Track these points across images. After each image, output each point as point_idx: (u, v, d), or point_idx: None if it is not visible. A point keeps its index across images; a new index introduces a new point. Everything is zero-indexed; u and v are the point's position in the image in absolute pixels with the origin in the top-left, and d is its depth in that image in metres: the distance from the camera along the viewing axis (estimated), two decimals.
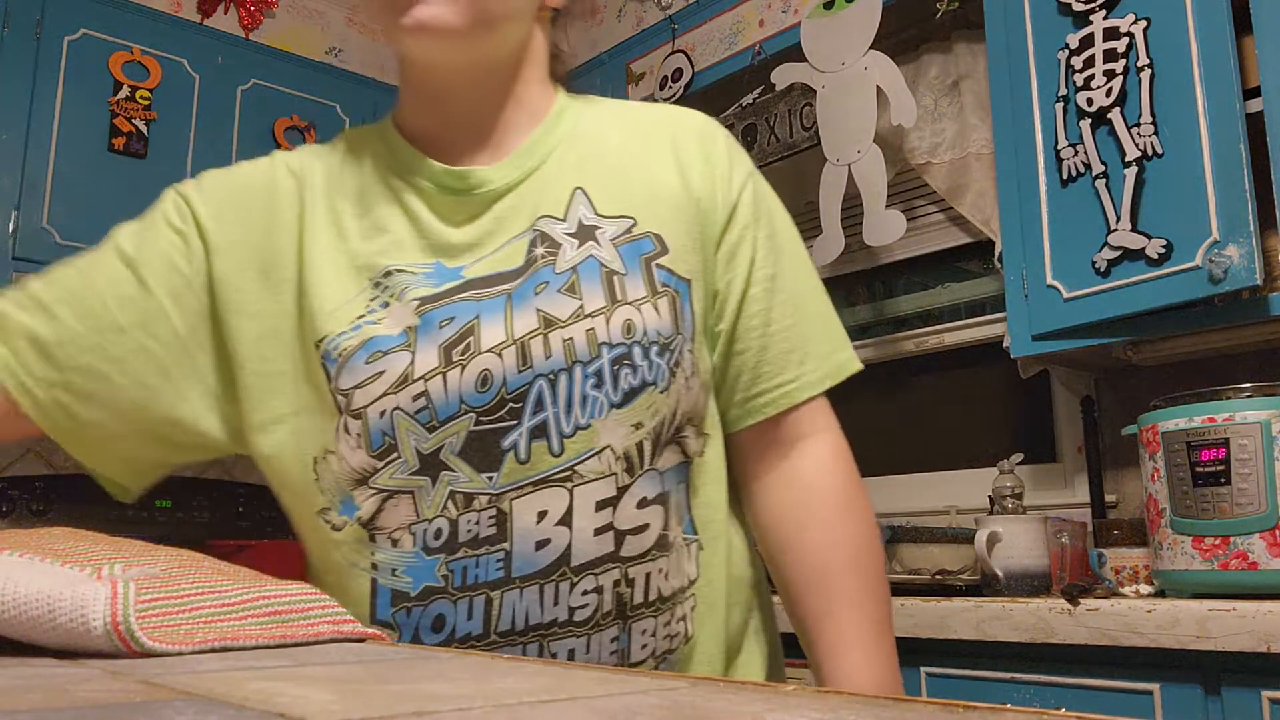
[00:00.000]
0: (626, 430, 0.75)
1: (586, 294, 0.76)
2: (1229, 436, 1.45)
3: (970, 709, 0.33)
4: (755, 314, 0.84)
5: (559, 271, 0.77)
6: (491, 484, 0.74)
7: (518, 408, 0.75)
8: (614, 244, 0.79)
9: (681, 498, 0.80)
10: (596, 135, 0.86)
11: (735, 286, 0.84)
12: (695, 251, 0.82)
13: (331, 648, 0.56)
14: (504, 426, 0.74)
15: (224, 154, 2.80)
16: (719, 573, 0.82)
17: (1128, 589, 1.67)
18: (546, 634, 0.74)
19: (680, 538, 0.79)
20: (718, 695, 0.38)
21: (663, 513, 0.77)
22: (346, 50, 3.18)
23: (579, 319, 0.76)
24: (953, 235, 2.45)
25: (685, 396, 0.79)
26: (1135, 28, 1.77)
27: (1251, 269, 1.59)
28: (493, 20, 0.79)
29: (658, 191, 0.82)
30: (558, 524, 0.74)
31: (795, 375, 0.84)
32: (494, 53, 0.82)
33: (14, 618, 0.50)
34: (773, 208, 0.89)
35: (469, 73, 0.82)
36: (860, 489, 0.86)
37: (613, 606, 0.75)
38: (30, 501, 2.61)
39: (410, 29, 0.77)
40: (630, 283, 0.77)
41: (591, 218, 0.80)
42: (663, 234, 0.80)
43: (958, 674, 1.57)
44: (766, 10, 2.56)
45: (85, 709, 0.33)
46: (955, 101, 2.34)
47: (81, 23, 2.62)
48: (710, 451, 0.83)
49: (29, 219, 2.48)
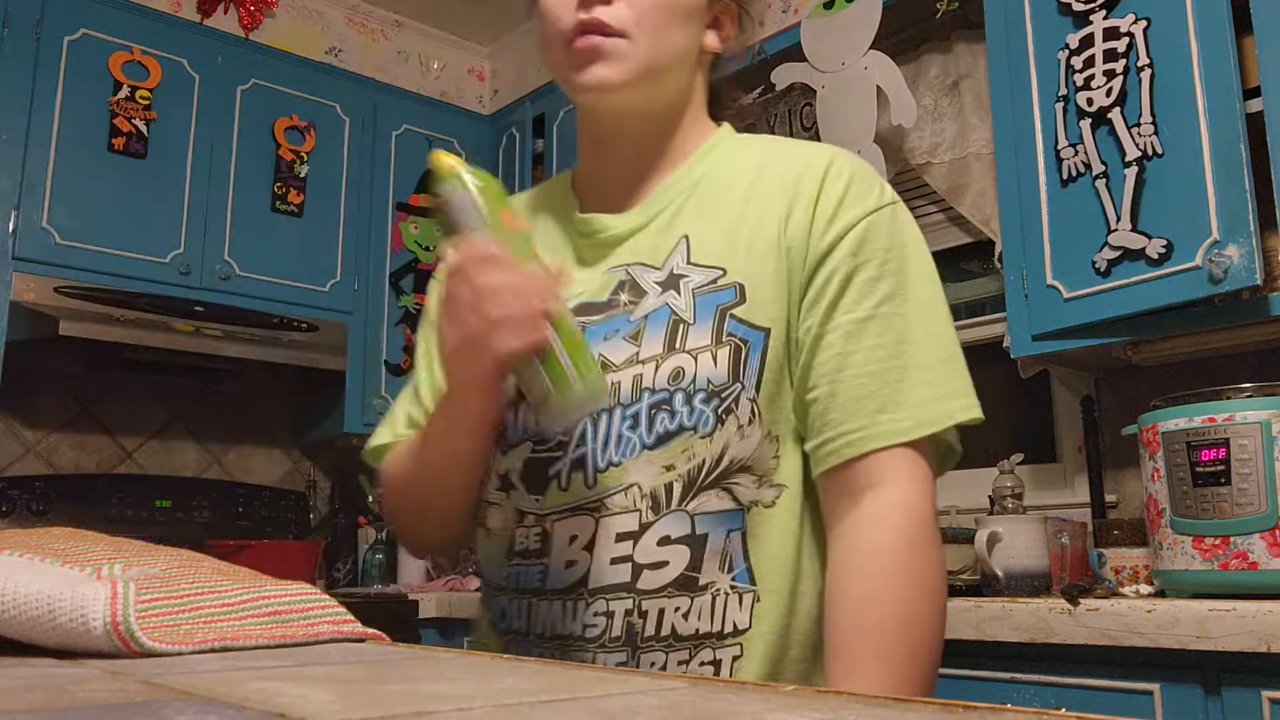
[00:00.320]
0: (656, 470, 0.80)
1: (647, 341, 0.83)
2: (1229, 436, 1.45)
3: (970, 709, 0.33)
4: (828, 359, 0.81)
5: (632, 320, 0.85)
6: (539, 506, 0.84)
7: (565, 441, 0.83)
8: (695, 293, 0.83)
9: (732, 545, 0.80)
10: (726, 181, 0.89)
11: (811, 331, 0.82)
12: (779, 300, 0.82)
13: (331, 648, 0.56)
14: (553, 457, 0.84)
15: (224, 154, 2.80)
16: (774, 626, 0.80)
17: (1128, 589, 1.67)
18: (565, 644, 0.82)
19: (728, 585, 0.79)
20: (718, 695, 0.38)
21: (690, 554, 0.79)
22: (346, 50, 3.18)
23: (631, 364, 0.82)
24: (953, 235, 2.45)
25: (738, 444, 0.79)
26: (1135, 28, 1.77)
27: (1251, 269, 1.59)
28: (657, 72, 0.87)
29: (755, 240, 0.84)
30: (583, 549, 0.81)
31: (866, 424, 0.79)
32: (657, 100, 0.90)
33: (14, 618, 0.50)
34: (893, 248, 0.83)
35: (631, 120, 0.91)
36: (924, 550, 0.78)
37: (621, 633, 0.80)
38: (30, 501, 2.61)
39: (588, 86, 0.86)
40: (696, 332, 0.81)
41: (683, 266, 0.85)
42: (747, 283, 0.82)
43: (958, 674, 1.57)
44: (766, 10, 2.56)
45: (85, 709, 0.33)
46: (955, 101, 2.34)
47: (81, 23, 2.63)
48: (784, 503, 0.81)
49: (29, 219, 2.48)
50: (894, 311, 0.81)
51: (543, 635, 0.83)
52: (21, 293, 2.44)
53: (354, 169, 3.08)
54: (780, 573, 0.80)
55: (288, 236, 2.91)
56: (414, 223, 3.20)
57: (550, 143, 3.12)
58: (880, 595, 0.76)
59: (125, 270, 2.60)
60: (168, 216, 2.69)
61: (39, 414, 2.77)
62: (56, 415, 2.80)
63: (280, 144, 2.92)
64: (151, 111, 2.70)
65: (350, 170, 3.07)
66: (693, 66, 0.93)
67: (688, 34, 0.90)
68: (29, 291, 2.44)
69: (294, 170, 2.94)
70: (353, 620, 0.61)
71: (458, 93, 3.43)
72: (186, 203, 2.73)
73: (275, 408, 3.20)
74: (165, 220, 2.69)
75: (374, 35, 3.26)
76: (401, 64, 3.30)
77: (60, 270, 2.50)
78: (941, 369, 0.81)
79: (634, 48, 0.85)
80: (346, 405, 2.97)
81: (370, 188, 3.11)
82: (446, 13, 3.30)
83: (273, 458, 3.17)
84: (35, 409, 2.77)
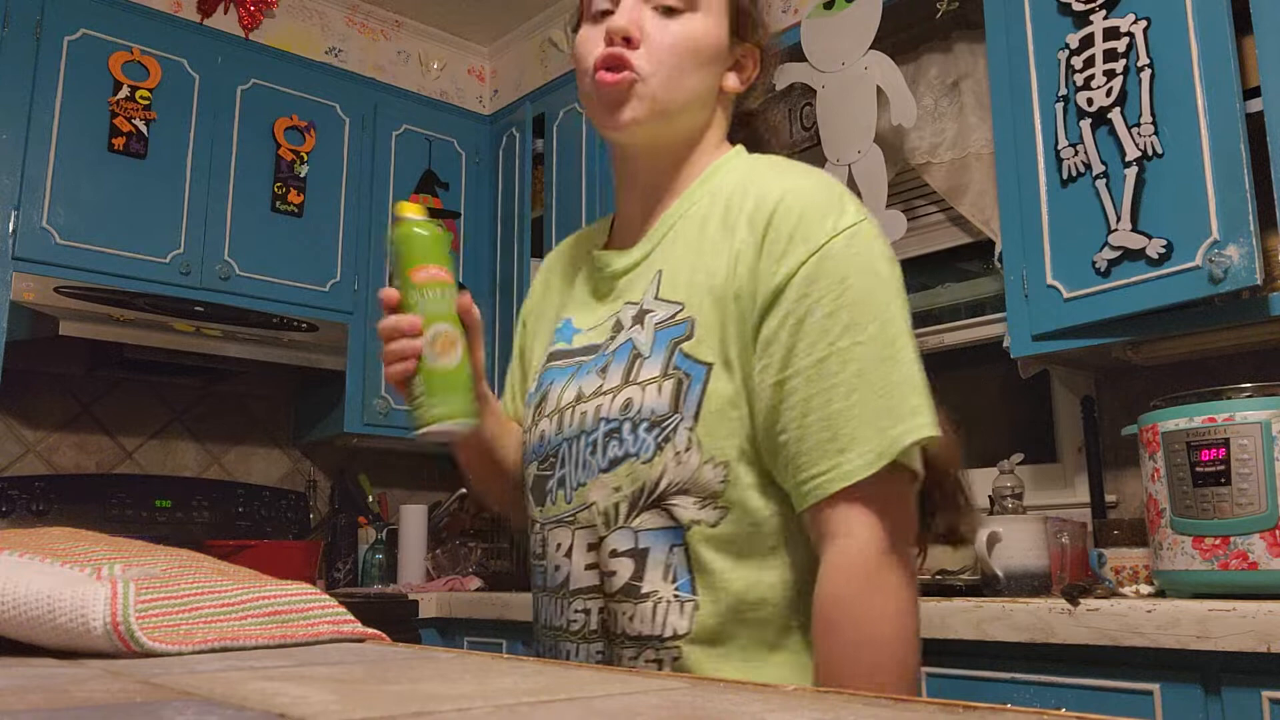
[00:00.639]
0: (609, 491, 0.89)
1: (610, 374, 0.92)
2: (1229, 436, 1.45)
3: (970, 709, 0.33)
4: (795, 404, 0.83)
5: (606, 353, 0.94)
6: (540, 515, 0.97)
7: (554, 461, 0.95)
8: (656, 327, 0.90)
9: (675, 558, 0.86)
10: (704, 215, 0.94)
11: (767, 375, 0.84)
12: (725, 337, 0.86)
13: (331, 648, 0.56)
14: (548, 475, 0.96)
15: (224, 154, 2.81)
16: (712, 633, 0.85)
17: (1128, 589, 1.67)
18: (558, 635, 0.95)
19: (670, 594, 0.86)
20: (718, 695, 0.38)
21: (634, 566, 0.87)
22: (346, 50, 3.18)
23: (597, 395, 0.92)
24: (953, 235, 2.45)
25: (674, 470, 0.86)
26: (1135, 28, 1.77)
27: (1251, 269, 1.59)
28: (668, 113, 0.95)
29: (710, 279, 0.89)
30: (565, 555, 0.93)
31: (832, 465, 0.81)
32: (667, 138, 0.98)
33: (14, 618, 0.50)
34: (847, 277, 0.84)
35: (644, 157, 0.99)
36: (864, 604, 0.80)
37: (598, 627, 0.91)
38: (30, 501, 2.61)
39: (606, 124, 0.95)
40: (649, 365, 0.89)
41: (651, 302, 0.93)
42: (697, 319, 0.88)
43: (958, 674, 1.57)
44: (766, 10, 2.56)
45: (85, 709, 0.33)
46: (955, 101, 2.34)
47: (81, 23, 2.62)
48: (730, 523, 0.85)
49: (29, 219, 2.48)
50: (852, 343, 0.83)
51: (545, 626, 0.97)
52: (21, 293, 2.43)
53: (354, 169, 3.08)
54: (723, 585, 0.85)
55: (288, 236, 2.91)
56: None
57: (550, 143, 3.12)
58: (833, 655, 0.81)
59: (125, 270, 2.59)
60: (168, 216, 2.69)
61: (39, 414, 2.77)
62: (56, 415, 2.80)
63: (280, 144, 2.92)
64: (151, 111, 2.70)
65: (350, 170, 3.07)
66: (711, 106, 0.99)
67: (704, 77, 0.96)
68: (29, 291, 2.44)
69: (294, 170, 2.94)
70: (353, 620, 0.61)
71: (458, 93, 3.43)
72: (186, 203, 2.73)
73: (275, 408, 3.20)
74: (165, 220, 2.69)
75: (374, 35, 3.26)
76: (401, 64, 3.30)
77: (60, 270, 2.50)
78: (895, 392, 0.82)
79: (646, 87, 0.93)
80: (346, 405, 2.97)
81: (370, 188, 3.11)
82: (446, 13, 3.30)
83: (273, 458, 3.17)
84: (35, 409, 2.77)
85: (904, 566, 0.83)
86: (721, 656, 0.85)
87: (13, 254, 2.45)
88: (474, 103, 3.46)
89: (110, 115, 2.63)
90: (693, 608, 0.85)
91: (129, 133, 2.65)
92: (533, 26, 3.33)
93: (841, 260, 0.85)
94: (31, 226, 2.48)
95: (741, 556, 0.85)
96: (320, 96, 3.04)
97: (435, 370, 0.91)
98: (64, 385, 2.82)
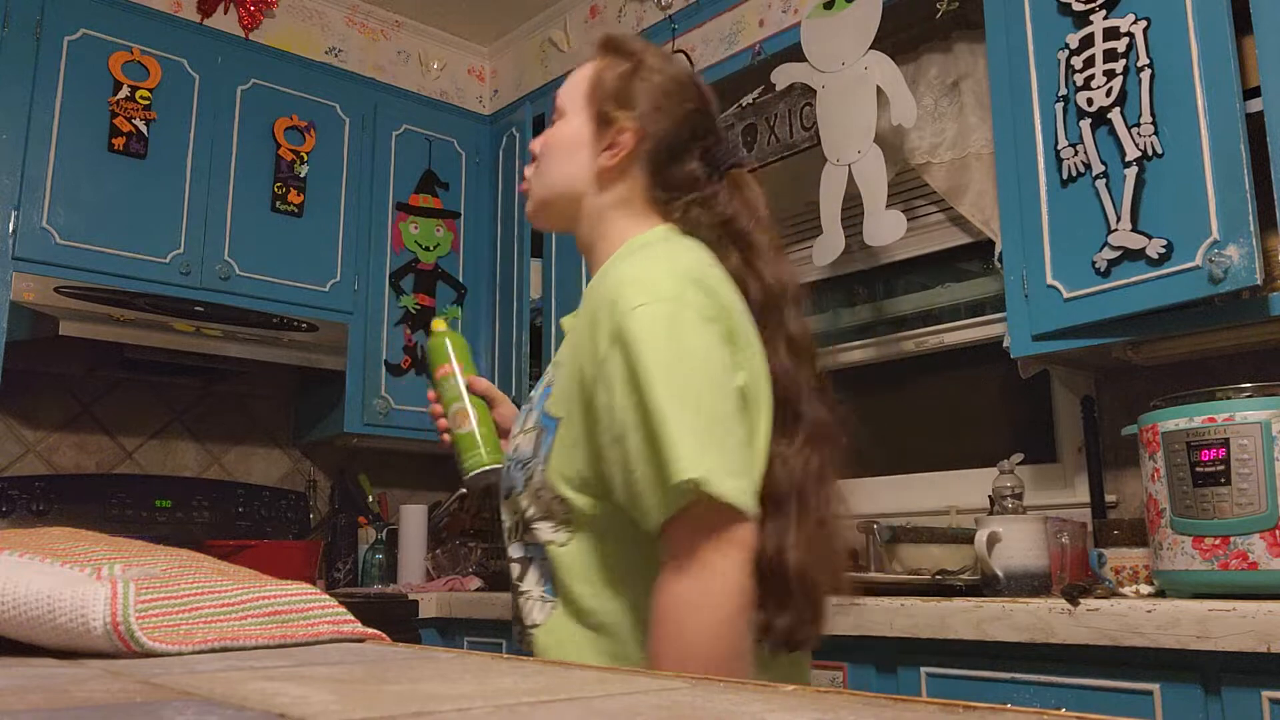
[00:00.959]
0: (509, 514, 1.11)
1: (518, 422, 1.14)
2: (1229, 436, 1.45)
3: (970, 709, 0.33)
4: (613, 475, 0.97)
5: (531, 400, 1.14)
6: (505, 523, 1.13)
7: None
8: (545, 385, 1.10)
9: (545, 568, 1.06)
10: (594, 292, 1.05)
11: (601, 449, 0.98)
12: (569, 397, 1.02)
13: (331, 648, 0.56)
14: None
15: (224, 154, 2.81)
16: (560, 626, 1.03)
17: (1128, 589, 1.67)
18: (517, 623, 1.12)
19: (539, 594, 1.06)
20: (718, 695, 0.38)
21: (519, 569, 1.09)
22: (346, 50, 3.18)
23: (515, 436, 1.12)
24: (953, 235, 2.45)
25: (534, 502, 1.05)
26: (1135, 28, 1.77)
27: (1251, 269, 1.59)
28: (548, 203, 1.17)
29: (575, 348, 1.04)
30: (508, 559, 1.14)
31: (641, 516, 0.95)
32: (567, 222, 1.17)
33: (14, 618, 0.50)
34: (632, 356, 0.93)
35: (567, 234, 1.18)
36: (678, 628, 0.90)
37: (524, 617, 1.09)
38: (30, 501, 2.61)
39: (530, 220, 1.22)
40: (532, 416, 1.09)
41: (553, 362, 1.11)
42: (556, 381, 1.07)
43: (958, 674, 1.57)
44: (766, 10, 2.56)
45: (85, 709, 0.33)
46: (955, 101, 2.34)
47: (81, 23, 2.63)
48: (575, 544, 1.03)
49: (29, 219, 2.48)
50: (633, 412, 0.93)
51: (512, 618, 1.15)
52: (21, 293, 2.44)
53: (354, 169, 3.08)
54: (573, 591, 1.02)
55: (288, 236, 2.91)
56: (414, 223, 3.20)
57: None
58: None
59: (125, 270, 2.60)
60: (168, 216, 2.69)
61: (39, 414, 2.77)
62: (56, 415, 2.80)
63: (280, 144, 2.92)
64: (151, 111, 2.70)
65: (350, 170, 3.07)
66: (595, 188, 1.13)
67: (572, 166, 1.13)
68: (29, 291, 2.44)
69: (294, 170, 2.94)
70: (353, 620, 0.61)
71: (457, 93, 3.43)
72: (186, 203, 2.73)
73: (275, 408, 3.20)
74: (165, 220, 2.69)
75: (374, 35, 3.26)
76: (401, 64, 3.30)
77: (60, 270, 2.50)
78: (658, 442, 0.91)
79: (531, 189, 1.18)
80: (346, 405, 2.97)
81: (370, 188, 3.11)
82: (446, 13, 3.30)
83: (273, 458, 3.17)
84: (35, 409, 2.77)
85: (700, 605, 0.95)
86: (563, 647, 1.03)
87: (13, 254, 2.45)
88: (474, 103, 3.46)
89: (110, 115, 2.63)
90: (550, 607, 1.05)
91: (129, 133, 2.66)
92: (533, 26, 3.33)
93: (626, 348, 0.95)
94: (31, 226, 2.48)
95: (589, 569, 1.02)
96: (320, 96, 3.04)
97: (457, 436, 1.27)
98: (64, 385, 2.82)
